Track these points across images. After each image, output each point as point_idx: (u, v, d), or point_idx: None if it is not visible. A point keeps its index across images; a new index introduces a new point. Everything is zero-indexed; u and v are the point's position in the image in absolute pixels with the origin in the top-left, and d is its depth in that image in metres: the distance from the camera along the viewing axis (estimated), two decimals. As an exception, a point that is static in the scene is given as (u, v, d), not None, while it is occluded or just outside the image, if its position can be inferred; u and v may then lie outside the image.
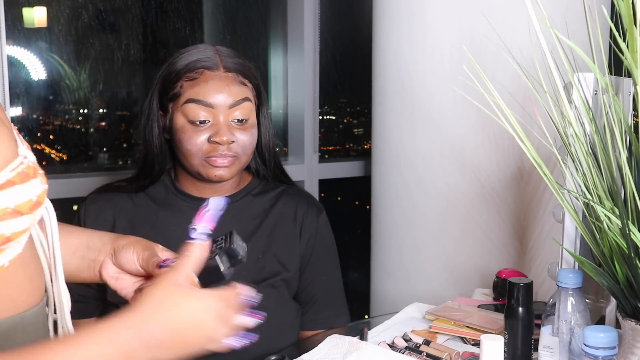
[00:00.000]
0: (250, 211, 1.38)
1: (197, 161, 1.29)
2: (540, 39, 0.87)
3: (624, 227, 0.85)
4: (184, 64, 1.29)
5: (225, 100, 1.27)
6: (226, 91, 1.28)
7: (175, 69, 1.30)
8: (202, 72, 1.28)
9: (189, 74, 1.28)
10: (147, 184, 1.36)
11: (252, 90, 1.33)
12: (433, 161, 1.81)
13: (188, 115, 1.27)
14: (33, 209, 0.68)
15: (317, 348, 1.21)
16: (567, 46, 0.85)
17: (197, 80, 1.28)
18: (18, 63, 2.27)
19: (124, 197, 1.36)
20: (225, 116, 1.28)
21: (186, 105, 1.27)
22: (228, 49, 1.35)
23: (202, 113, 1.27)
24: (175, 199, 1.36)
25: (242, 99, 1.29)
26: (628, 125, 0.89)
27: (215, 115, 1.27)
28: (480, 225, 1.77)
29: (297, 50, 2.49)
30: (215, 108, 1.27)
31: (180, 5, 2.56)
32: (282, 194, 1.43)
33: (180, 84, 1.29)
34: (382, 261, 1.99)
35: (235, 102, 1.28)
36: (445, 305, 1.38)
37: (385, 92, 1.93)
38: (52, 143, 2.45)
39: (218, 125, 1.27)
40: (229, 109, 1.28)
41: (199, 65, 1.29)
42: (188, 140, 1.27)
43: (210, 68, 1.29)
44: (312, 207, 1.44)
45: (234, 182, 1.39)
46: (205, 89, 1.27)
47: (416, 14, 1.80)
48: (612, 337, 0.86)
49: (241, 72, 1.31)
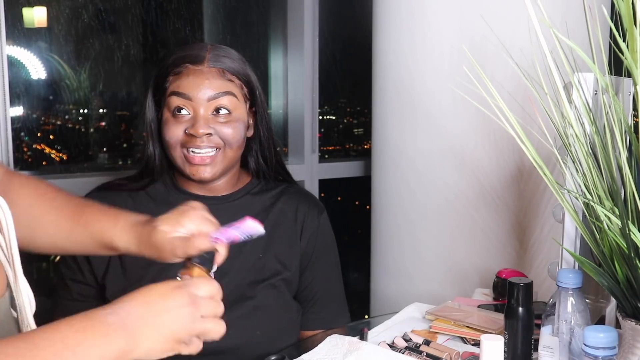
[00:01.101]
0: (250, 210, 1.37)
1: (177, 153, 1.30)
2: (540, 39, 0.87)
3: (624, 227, 0.85)
4: (173, 59, 1.32)
5: (205, 93, 1.28)
6: (206, 84, 1.29)
7: (165, 65, 1.33)
8: (186, 67, 1.30)
9: (175, 69, 1.31)
10: (147, 183, 1.37)
11: (240, 88, 1.33)
12: (433, 161, 1.81)
13: (170, 107, 1.30)
14: None
15: (317, 348, 1.21)
16: (567, 46, 0.85)
17: (181, 74, 1.30)
18: (18, 63, 2.27)
19: (124, 195, 1.36)
20: (204, 109, 1.29)
21: (169, 98, 1.30)
22: (227, 48, 1.35)
23: (182, 104, 1.28)
24: (175, 197, 1.36)
25: (223, 92, 1.30)
26: (628, 125, 0.89)
27: (194, 108, 1.28)
28: (480, 225, 1.77)
29: (297, 50, 2.49)
30: (194, 101, 1.28)
31: (180, 5, 2.56)
32: (282, 193, 1.43)
33: (168, 78, 1.31)
34: (382, 261, 1.99)
35: (215, 94, 1.29)
36: (445, 305, 1.38)
37: (385, 92, 1.93)
38: (52, 143, 2.45)
39: (196, 117, 1.28)
40: (208, 102, 1.29)
41: (185, 60, 1.31)
42: (167, 131, 1.30)
43: (195, 63, 1.30)
44: (313, 207, 1.44)
45: (230, 182, 1.39)
46: (185, 82, 1.29)
47: (416, 14, 1.80)
48: (612, 337, 0.86)
49: (229, 69, 1.31)
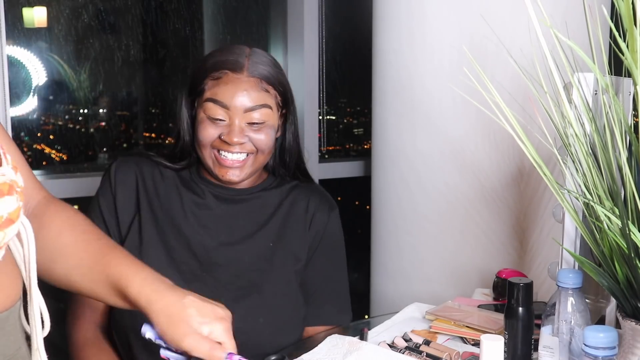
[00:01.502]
0: (263, 202, 1.40)
1: (207, 152, 1.32)
2: (540, 39, 0.87)
3: (624, 227, 0.85)
4: (212, 63, 1.32)
5: (242, 104, 1.29)
6: (245, 95, 1.29)
7: (204, 67, 1.33)
8: (226, 73, 1.30)
9: (214, 73, 1.31)
10: (182, 167, 1.39)
11: (274, 98, 1.34)
12: (433, 161, 1.81)
13: (207, 112, 1.30)
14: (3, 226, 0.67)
15: (317, 348, 1.21)
16: (567, 46, 0.85)
17: (220, 80, 1.30)
18: (18, 63, 2.27)
19: (155, 167, 1.38)
20: (240, 119, 1.29)
21: (206, 104, 1.30)
22: (264, 53, 1.35)
23: (219, 112, 1.29)
24: (198, 184, 1.39)
25: (260, 105, 1.30)
26: (628, 125, 0.89)
27: (230, 117, 1.29)
28: (480, 225, 1.77)
29: (297, 50, 2.49)
30: (232, 110, 1.29)
31: (180, 5, 2.56)
32: (296, 186, 1.45)
33: (205, 81, 1.31)
34: (382, 261, 1.99)
35: (252, 106, 1.29)
36: (445, 305, 1.38)
37: (385, 92, 1.93)
38: (52, 143, 2.45)
39: (232, 126, 1.29)
40: (245, 113, 1.29)
41: (224, 66, 1.30)
42: (202, 131, 1.31)
43: (234, 70, 1.30)
44: (324, 202, 1.45)
45: (252, 179, 1.40)
46: (224, 90, 1.29)
47: (416, 15, 1.80)
48: (612, 337, 0.86)
49: (266, 79, 1.32)
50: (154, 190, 1.37)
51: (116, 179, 1.36)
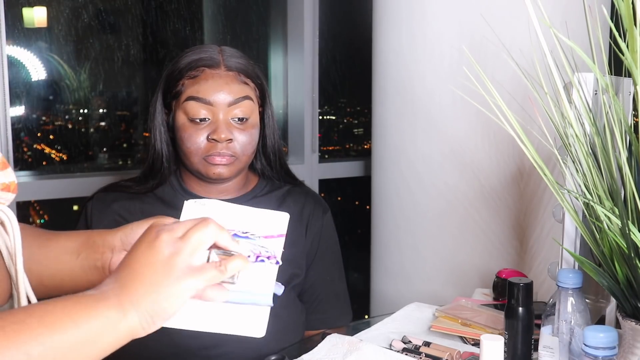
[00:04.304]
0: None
1: (197, 159, 1.29)
2: (540, 39, 0.87)
3: (624, 227, 0.85)
4: (187, 62, 1.30)
5: (225, 98, 1.28)
6: (226, 89, 1.28)
7: (178, 67, 1.31)
8: (203, 70, 1.29)
9: (190, 72, 1.29)
10: (155, 185, 1.36)
11: (254, 90, 1.33)
12: (433, 161, 1.81)
13: (188, 112, 1.28)
14: None
15: (317, 348, 1.21)
16: (567, 46, 0.85)
17: (198, 78, 1.28)
18: (18, 63, 2.27)
19: (132, 197, 1.36)
20: (224, 114, 1.28)
21: (186, 103, 1.28)
22: (234, 49, 1.35)
23: (201, 111, 1.27)
24: (183, 199, 1.36)
25: (242, 97, 1.29)
26: (628, 125, 0.89)
27: (214, 113, 1.28)
28: (480, 225, 1.77)
29: (297, 50, 2.49)
30: (215, 106, 1.27)
31: (180, 5, 2.56)
32: (288, 193, 1.43)
33: (182, 82, 1.30)
34: (382, 261, 1.99)
35: (234, 99, 1.29)
36: (457, 303, 1.38)
37: (385, 92, 1.93)
38: (52, 143, 2.45)
39: (217, 122, 1.27)
40: (229, 107, 1.28)
41: (200, 63, 1.29)
42: (188, 138, 1.28)
43: (211, 66, 1.29)
44: (318, 207, 1.44)
45: (239, 183, 1.39)
46: (205, 87, 1.27)
47: (416, 14, 1.80)
48: (612, 337, 0.86)
49: (243, 72, 1.31)
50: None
51: (92, 219, 1.34)
